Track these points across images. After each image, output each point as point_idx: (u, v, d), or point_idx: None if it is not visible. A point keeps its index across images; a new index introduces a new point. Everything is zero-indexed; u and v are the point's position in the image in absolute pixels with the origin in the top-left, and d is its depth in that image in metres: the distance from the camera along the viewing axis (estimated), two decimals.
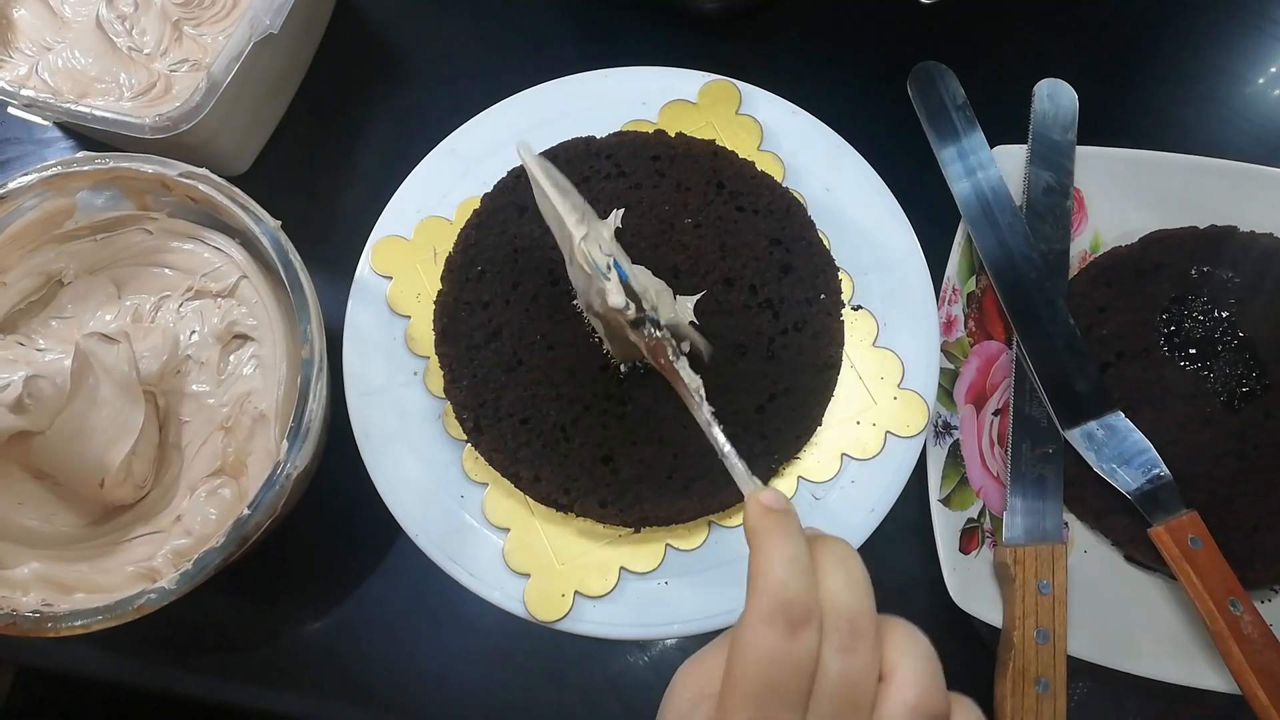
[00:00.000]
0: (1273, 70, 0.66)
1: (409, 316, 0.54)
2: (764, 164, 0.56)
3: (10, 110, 0.55)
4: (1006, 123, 0.59)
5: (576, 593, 0.49)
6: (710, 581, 0.50)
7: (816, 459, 0.51)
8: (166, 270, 0.54)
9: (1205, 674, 0.50)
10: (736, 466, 0.40)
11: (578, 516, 0.50)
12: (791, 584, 0.31)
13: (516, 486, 0.50)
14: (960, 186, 0.57)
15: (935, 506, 0.52)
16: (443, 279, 0.53)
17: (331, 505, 0.55)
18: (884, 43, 0.65)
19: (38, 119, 0.56)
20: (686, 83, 0.58)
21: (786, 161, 0.56)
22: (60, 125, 0.63)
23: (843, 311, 0.53)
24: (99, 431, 0.47)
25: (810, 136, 0.57)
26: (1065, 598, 0.50)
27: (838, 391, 0.52)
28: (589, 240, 0.43)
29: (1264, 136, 0.63)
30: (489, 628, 0.54)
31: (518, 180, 0.55)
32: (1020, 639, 0.49)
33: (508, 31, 0.67)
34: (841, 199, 0.56)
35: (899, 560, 0.55)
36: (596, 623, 0.49)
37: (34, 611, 0.43)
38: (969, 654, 0.53)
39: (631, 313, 0.43)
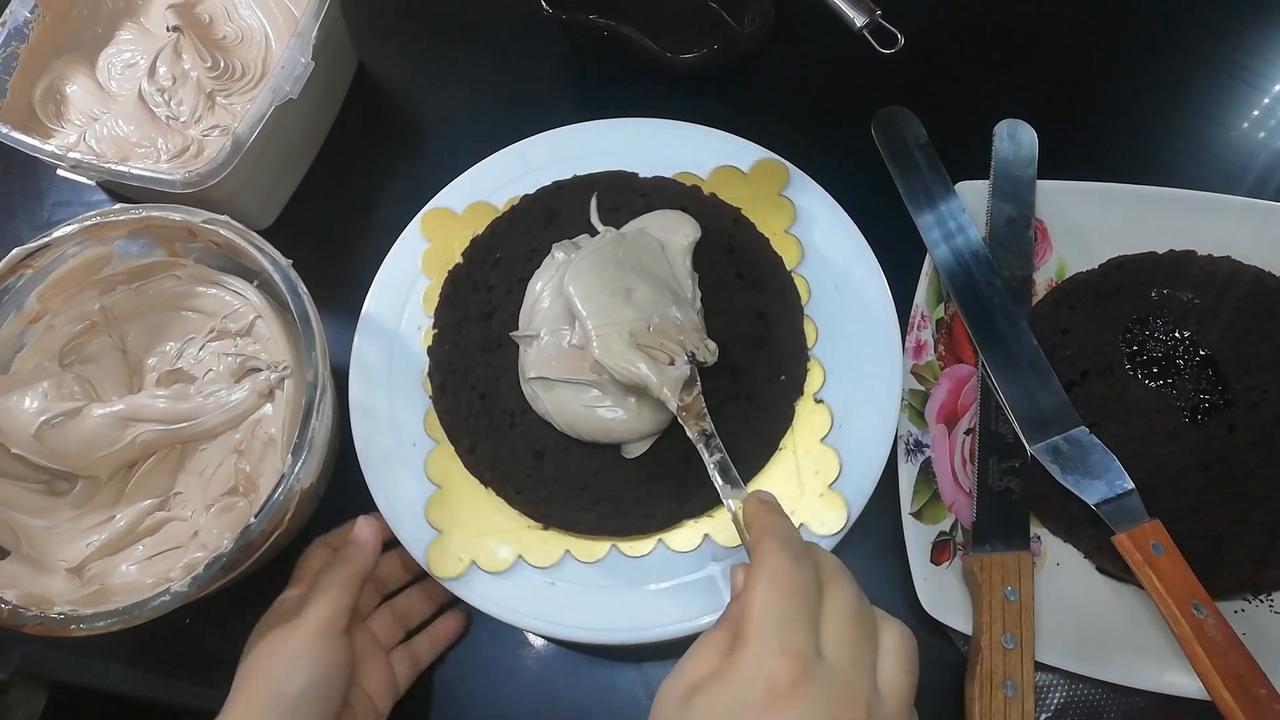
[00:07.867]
0: (1239, 111, 0.69)
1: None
2: (785, 245, 0.59)
3: (59, 172, 0.61)
4: (971, 160, 0.63)
5: (474, 562, 0.52)
6: (597, 598, 0.52)
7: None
8: (191, 314, 0.60)
9: (1178, 681, 0.51)
10: (734, 485, 0.47)
11: (496, 495, 0.54)
12: (789, 529, 0.40)
13: (455, 451, 0.55)
14: (924, 219, 0.61)
15: (907, 520, 0.55)
16: (463, 254, 0.59)
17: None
18: (852, 89, 0.70)
19: (83, 179, 0.62)
20: (743, 152, 0.61)
21: (807, 249, 0.59)
22: (104, 187, 0.69)
23: (800, 400, 0.55)
24: None
25: (836, 233, 0.59)
26: (1032, 604, 0.52)
27: (770, 475, 0.54)
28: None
29: (1226, 169, 0.66)
30: (485, 641, 0.57)
31: (559, 190, 0.60)
32: (988, 643, 0.51)
33: (515, 90, 0.72)
34: (845, 298, 0.57)
35: (874, 572, 0.57)
36: (484, 596, 0.52)
37: (59, 613, 0.47)
38: (942, 661, 0.54)
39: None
